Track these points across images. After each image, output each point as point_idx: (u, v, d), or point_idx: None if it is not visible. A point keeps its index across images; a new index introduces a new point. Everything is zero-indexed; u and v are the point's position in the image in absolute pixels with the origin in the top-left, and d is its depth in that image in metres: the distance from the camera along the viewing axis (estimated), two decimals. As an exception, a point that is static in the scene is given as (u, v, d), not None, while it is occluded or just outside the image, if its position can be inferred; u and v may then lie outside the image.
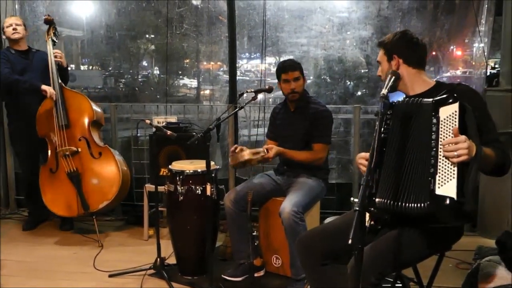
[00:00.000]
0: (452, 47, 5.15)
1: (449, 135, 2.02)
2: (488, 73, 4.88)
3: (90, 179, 4.47)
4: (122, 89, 6.13)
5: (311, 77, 5.42)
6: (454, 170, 1.98)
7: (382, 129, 2.18)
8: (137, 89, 6.08)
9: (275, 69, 5.34)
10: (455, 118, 2.03)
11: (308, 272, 2.62)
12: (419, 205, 2.05)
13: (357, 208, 1.78)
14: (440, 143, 2.04)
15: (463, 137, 1.96)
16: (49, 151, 4.55)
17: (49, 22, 4.55)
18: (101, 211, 4.52)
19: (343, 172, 5.18)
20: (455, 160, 1.96)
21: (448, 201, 1.96)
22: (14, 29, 4.56)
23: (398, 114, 2.22)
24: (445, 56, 5.14)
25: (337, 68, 5.35)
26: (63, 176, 4.47)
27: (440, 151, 2.03)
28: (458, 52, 5.20)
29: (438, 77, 5.11)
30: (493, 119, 2.28)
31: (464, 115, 2.02)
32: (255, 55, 5.55)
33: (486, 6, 4.60)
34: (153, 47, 6.13)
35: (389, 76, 2.20)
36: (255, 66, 5.78)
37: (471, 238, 4.50)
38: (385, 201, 2.14)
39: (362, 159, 2.35)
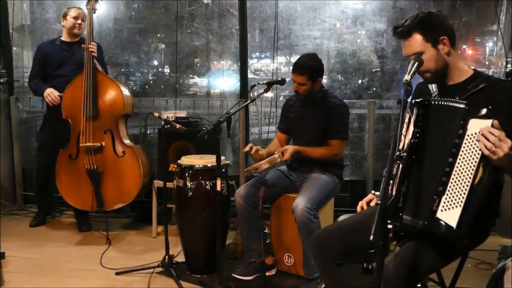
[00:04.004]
0: (464, 47, 5.07)
1: (472, 156, 1.87)
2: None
3: (110, 179, 4.34)
4: (132, 87, 6.10)
5: (325, 70, 5.34)
6: (463, 196, 1.86)
7: (412, 131, 2.02)
8: (147, 87, 6.06)
9: (285, 68, 5.28)
10: None
11: (323, 270, 2.55)
12: (415, 220, 1.98)
13: (379, 202, 1.67)
14: (459, 159, 1.90)
15: (509, 141, 1.80)
16: (71, 135, 4.42)
17: None
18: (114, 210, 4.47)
19: (357, 169, 5.12)
20: (486, 152, 1.81)
21: (443, 229, 1.89)
22: (79, 24, 4.48)
23: (426, 117, 2.05)
24: (459, 53, 5.06)
25: (351, 62, 5.28)
26: (82, 168, 4.36)
27: (456, 169, 1.90)
28: (470, 52, 5.13)
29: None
30: None
31: None
32: (265, 55, 5.51)
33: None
34: (163, 45, 6.11)
35: (412, 61, 2.02)
36: (265, 66, 5.78)
37: (490, 237, 4.37)
38: (411, 219, 2.02)
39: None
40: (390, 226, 1.81)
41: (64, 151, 4.44)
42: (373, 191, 2.40)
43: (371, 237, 1.61)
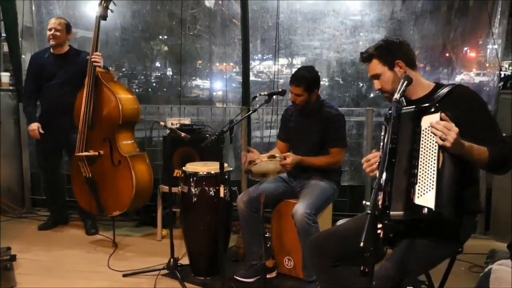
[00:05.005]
0: (466, 49, 5.13)
1: (431, 145, 2.07)
2: (502, 75, 4.88)
3: (107, 186, 4.38)
4: (136, 90, 6.16)
5: (325, 80, 5.44)
6: (433, 180, 2.03)
7: (389, 138, 2.17)
8: (150, 90, 6.11)
9: (287, 70, 5.37)
10: None
11: (319, 273, 2.64)
12: (400, 213, 2.09)
13: (369, 211, 1.81)
14: (421, 151, 2.09)
15: (455, 128, 2.00)
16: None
17: None
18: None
19: (356, 175, 5.19)
20: (440, 142, 2.01)
21: (426, 211, 2.02)
22: (53, 35, 4.51)
23: (398, 124, 2.22)
24: (459, 58, 5.13)
25: (350, 71, 5.37)
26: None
27: (421, 161, 2.08)
28: (472, 54, 5.18)
29: (450, 80, 5.11)
30: (505, 121, 2.29)
31: None
32: (267, 56, 5.58)
33: (500, 8, 4.60)
34: (166, 48, 6.16)
35: (402, 80, 2.18)
36: (267, 67, 5.82)
37: (484, 241, 4.50)
38: (396, 213, 2.13)
39: (366, 162, 2.35)
40: (379, 231, 1.95)
41: (76, 157, 4.44)
42: (364, 201, 2.52)
43: (362, 244, 1.75)
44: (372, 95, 5.47)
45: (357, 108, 5.19)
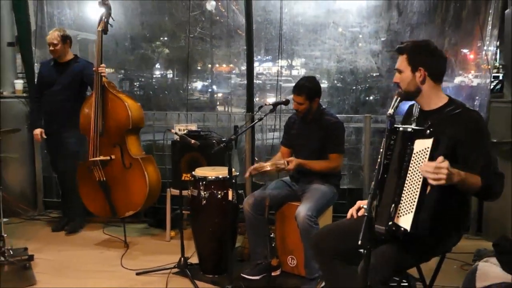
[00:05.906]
0: (465, 51, 5.27)
1: (418, 169, 2.19)
2: (501, 77, 5.02)
3: (119, 188, 4.58)
4: (138, 93, 6.28)
5: (325, 87, 5.61)
6: (414, 203, 2.19)
7: (385, 153, 2.30)
8: (151, 92, 6.23)
9: (287, 72, 5.55)
10: (426, 154, 2.19)
11: (322, 266, 2.81)
12: (382, 228, 2.25)
13: (366, 214, 2.02)
14: (408, 173, 2.23)
15: (445, 164, 2.07)
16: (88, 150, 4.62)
17: (105, 5, 4.52)
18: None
19: (355, 178, 5.36)
20: (434, 183, 2.09)
21: (402, 230, 2.20)
22: (50, 50, 4.77)
23: (395, 141, 2.33)
24: (458, 60, 5.26)
25: (349, 79, 5.56)
26: (96, 180, 4.63)
27: (406, 182, 2.23)
28: (472, 56, 5.30)
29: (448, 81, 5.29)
30: (498, 131, 2.44)
31: (435, 150, 2.18)
32: (267, 58, 5.77)
33: (491, 21, 4.78)
34: (167, 50, 6.27)
35: (396, 97, 2.33)
36: (267, 69, 5.98)
37: (476, 241, 4.68)
38: (380, 227, 2.27)
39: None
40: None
41: (83, 164, 4.68)
42: (362, 205, 2.70)
43: (360, 242, 1.97)
44: (371, 97, 5.65)
45: (356, 115, 5.37)
